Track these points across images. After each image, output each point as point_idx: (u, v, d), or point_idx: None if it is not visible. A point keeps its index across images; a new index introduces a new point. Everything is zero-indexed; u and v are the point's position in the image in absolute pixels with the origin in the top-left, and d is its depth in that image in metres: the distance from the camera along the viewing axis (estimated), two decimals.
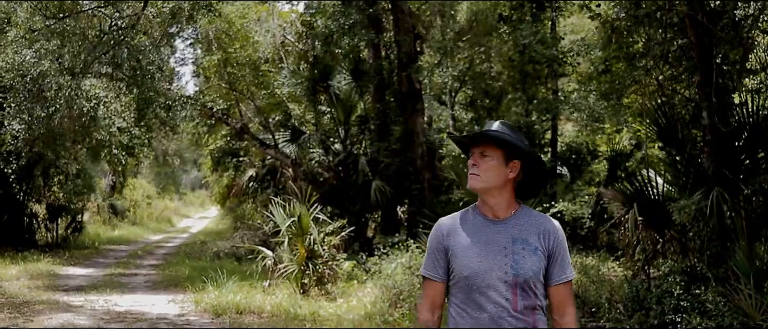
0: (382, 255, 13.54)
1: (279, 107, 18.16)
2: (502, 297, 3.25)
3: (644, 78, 10.44)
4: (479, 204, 3.44)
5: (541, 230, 3.35)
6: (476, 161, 3.34)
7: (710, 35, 9.91)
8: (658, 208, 9.24)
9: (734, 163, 9.18)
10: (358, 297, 12.04)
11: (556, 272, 3.35)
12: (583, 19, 22.96)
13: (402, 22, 16.53)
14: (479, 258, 3.29)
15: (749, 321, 7.39)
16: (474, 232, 3.36)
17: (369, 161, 16.55)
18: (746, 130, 9.48)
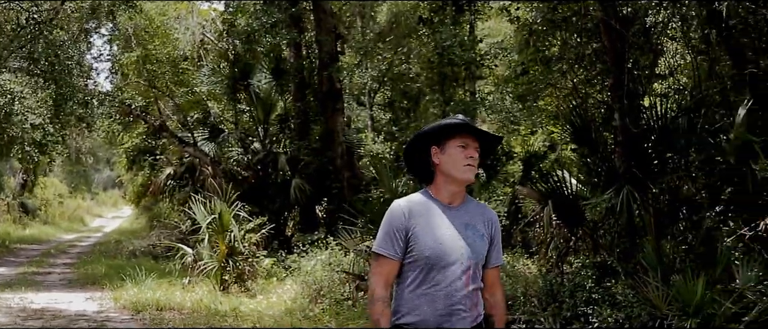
0: (301, 253, 13.65)
1: (198, 105, 18.05)
2: (457, 278, 3.51)
3: (560, 81, 10.79)
4: (436, 190, 3.64)
5: (485, 218, 3.68)
6: (475, 154, 3.58)
7: (623, 40, 10.32)
8: (572, 206, 9.56)
9: (644, 163, 9.56)
10: (278, 294, 12.12)
11: (493, 256, 3.69)
12: (500, 23, 23.49)
13: (323, 22, 16.65)
14: (440, 240, 3.51)
15: (656, 311, 7.74)
16: (435, 215, 3.57)
17: (289, 159, 16.61)
18: (655, 132, 9.89)
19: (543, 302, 9.30)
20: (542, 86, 12.25)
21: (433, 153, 3.62)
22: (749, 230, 8.55)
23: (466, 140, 3.57)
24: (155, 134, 19.93)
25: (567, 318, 8.75)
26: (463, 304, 3.52)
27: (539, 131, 22.53)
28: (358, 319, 9.87)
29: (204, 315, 10.44)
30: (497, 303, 3.72)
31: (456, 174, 3.57)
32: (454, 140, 3.57)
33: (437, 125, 3.70)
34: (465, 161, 3.54)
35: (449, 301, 3.50)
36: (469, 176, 3.57)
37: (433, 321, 3.50)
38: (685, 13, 11.09)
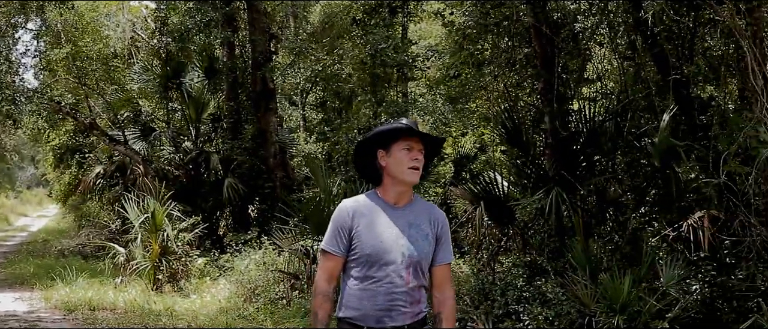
0: (234, 252, 13.66)
1: (129, 103, 17.85)
2: (397, 275, 3.71)
3: (491, 84, 11.03)
4: (384, 191, 3.86)
5: (431, 217, 3.86)
6: (419, 156, 3.76)
7: (552, 45, 10.62)
8: (503, 206, 9.80)
9: (572, 165, 9.87)
10: (212, 294, 12.12)
11: (441, 254, 3.86)
12: (431, 25, 23.75)
13: (257, 21, 16.65)
14: (381, 239, 3.72)
15: (585, 309, 8.01)
16: (378, 215, 3.78)
17: (222, 159, 16.56)
18: (583, 135, 10.21)
19: (475, 300, 9.52)
20: (473, 89, 12.43)
21: (379, 156, 3.81)
22: (672, 230, 8.88)
23: (410, 142, 3.74)
24: (84, 131, 19.63)
25: (499, 316, 8.98)
26: (403, 300, 3.71)
27: (469, 132, 22.83)
28: (292, 318, 9.95)
29: (138, 315, 10.40)
30: (445, 300, 3.84)
31: (401, 176, 3.75)
32: (399, 143, 3.75)
33: (383, 129, 3.87)
34: (410, 163, 3.72)
35: (389, 297, 3.70)
36: (414, 177, 3.76)
37: (372, 316, 3.70)
38: (612, 19, 11.42)
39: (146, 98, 18.76)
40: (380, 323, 3.70)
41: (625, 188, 10.13)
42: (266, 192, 16.22)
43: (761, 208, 7.95)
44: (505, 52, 10.48)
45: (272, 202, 16.17)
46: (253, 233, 14.57)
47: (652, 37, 10.29)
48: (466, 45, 10.79)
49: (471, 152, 22.19)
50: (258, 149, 16.60)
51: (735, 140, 7.52)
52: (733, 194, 7.90)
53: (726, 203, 8.28)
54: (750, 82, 7.48)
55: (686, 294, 8.10)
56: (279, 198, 16.05)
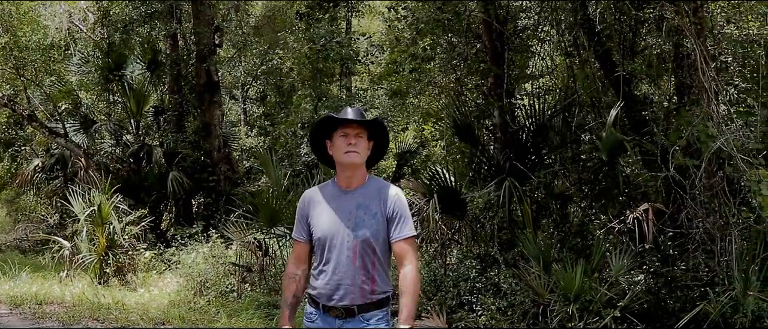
0: (180, 246, 13.57)
1: (69, 94, 17.51)
2: (344, 255, 4.03)
3: (440, 78, 11.17)
4: (337, 177, 4.20)
5: (381, 197, 4.09)
6: (355, 140, 4.03)
7: (502, 41, 10.81)
8: (456, 199, 9.95)
9: (521, 159, 10.07)
10: (160, 287, 12.05)
11: (396, 230, 4.05)
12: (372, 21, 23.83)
13: (202, 13, 16.52)
14: (329, 222, 4.08)
15: (539, 298, 8.21)
16: (329, 201, 4.14)
17: (165, 152, 16.40)
18: (531, 129, 10.43)
19: (428, 292, 9.66)
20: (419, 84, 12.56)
21: (328, 147, 4.20)
22: (619, 223, 9.13)
23: (345, 129, 4.08)
24: (20, 123, 19.22)
25: (452, 307, 9.14)
26: (351, 280, 4.01)
27: (410, 127, 22.99)
28: (245, 311, 9.95)
29: (87, 309, 10.28)
30: (405, 275, 4.01)
31: (342, 160, 4.09)
32: (337, 131, 4.10)
33: (319, 121, 4.27)
34: (346, 148, 4.05)
35: (336, 277, 4.02)
36: (351, 159, 4.05)
37: (324, 294, 4.06)
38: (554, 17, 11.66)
39: (86, 90, 18.43)
40: (330, 301, 4.04)
41: (572, 182, 10.36)
42: (211, 186, 16.13)
43: (706, 201, 8.24)
44: (454, 47, 10.61)
45: (217, 195, 16.11)
46: (198, 226, 14.49)
47: (595, 35, 10.52)
48: (413, 39, 10.88)
49: (412, 147, 22.31)
50: (202, 142, 16.49)
51: (684, 134, 7.77)
52: (680, 187, 8.17)
53: (673, 196, 8.56)
54: (698, 78, 7.75)
55: (635, 284, 8.38)
56: (223, 192, 16.00)
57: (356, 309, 4.02)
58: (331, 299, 4.04)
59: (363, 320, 4.03)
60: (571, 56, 11.67)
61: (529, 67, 12.73)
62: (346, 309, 4.02)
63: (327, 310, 4.07)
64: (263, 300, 10.24)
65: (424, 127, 21.43)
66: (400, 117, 20.71)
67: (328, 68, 19.30)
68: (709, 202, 8.25)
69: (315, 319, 4.13)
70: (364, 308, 4.02)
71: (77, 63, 17.86)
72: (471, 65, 10.66)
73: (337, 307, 4.03)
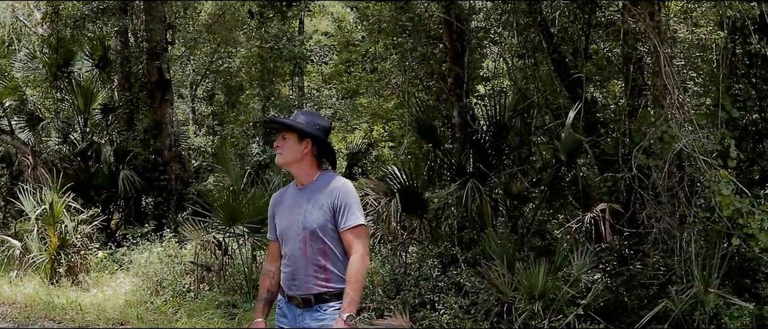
0: (131, 246, 13.39)
1: (14, 91, 17.11)
2: (296, 246, 4.25)
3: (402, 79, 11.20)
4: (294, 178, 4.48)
5: (327, 190, 4.26)
6: (279, 142, 4.32)
7: (462, 41, 10.91)
8: (417, 198, 9.99)
9: (482, 159, 10.18)
10: (113, 287, 11.86)
11: (342, 221, 4.20)
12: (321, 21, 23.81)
13: (154, 10, 16.30)
14: (285, 218, 4.36)
15: (503, 297, 8.29)
16: (288, 199, 4.43)
17: (116, 150, 16.14)
18: (491, 130, 10.54)
19: (389, 291, 9.69)
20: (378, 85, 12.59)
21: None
22: (576, 222, 9.28)
23: (278, 134, 4.36)
24: None
25: (415, 306, 9.17)
26: (304, 270, 4.22)
27: (360, 128, 23.06)
28: (204, 311, 9.86)
29: (42, 309, 10.07)
30: (350, 264, 4.17)
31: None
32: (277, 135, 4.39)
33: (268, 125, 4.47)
34: (276, 150, 4.34)
35: (292, 268, 4.27)
36: (277, 160, 4.37)
37: (285, 283, 4.34)
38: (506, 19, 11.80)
39: (33, 87, 18.05)
40: (290, 291, 4.30)
41: (530, 182, 10.49)
42: (162, 185, 15.93)
43: (665, 201, 8.41)
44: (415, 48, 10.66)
45: (168, 195, 15.92)
46: (150, 226, 14.32)
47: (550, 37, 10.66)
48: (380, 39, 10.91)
49: (362, 148, 22.37)
50: (153, 140, 16.26)
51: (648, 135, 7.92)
52: (641, 187, 8.33)
53: (633, 195, 8.72)
54: (660, 80, 7.91)
55: (595, 282, 8.51)
56: (175, 191, 15.82)
57: (313, 298, 4.20)
58: (290, 288, 4.29)
59: (319, 309, 4.19)
60: (524, 58, 11.84)
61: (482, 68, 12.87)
62: (303, 298, 4.22)
63: (289, 299, 4.32)
64: (223, 300, 10.16)
65: (374, 128, 21.52)
66: (351, 118, 20.76)
67: (278, 68, 19.24)
68: (668, 202, 8.42)
69: (282, 305, 4.39)
70: (321, 298, 4.20)
71: (23, 59, 17.47)
72: (433, 65, 10.72)
73: (295, 296, 4.25)
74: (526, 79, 11.58)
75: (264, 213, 10.41)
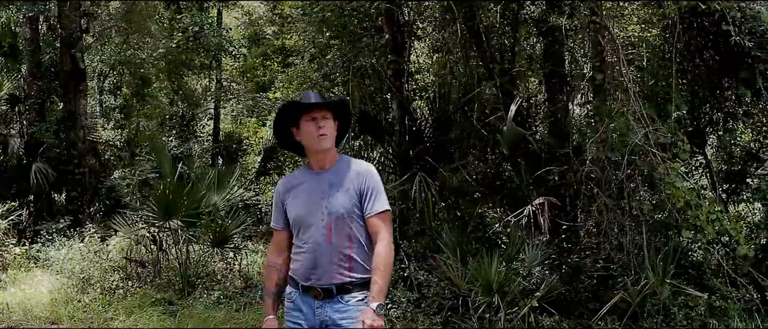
0: (46, 242, 12.82)
1: None
2: (319, 233, 3.99)
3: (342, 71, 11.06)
4: (309, 161, 4.21)
5: (352, 172, 4.09)
6: (324, 124, 4.05)
7: (402, 33, 10.83)
8: None
9: (425, 152, 10.12)
10: (32, 285, 11.28)
11: (369, 206, 4.04)
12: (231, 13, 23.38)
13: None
14: (303, 203, 4.08)
15: (456, 289, 8.24)
16: (304, 183, 4.15)
17: (27, 142, 15.42)
18: (432, 123, 10.50)
19: None
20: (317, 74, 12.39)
21: (294, 134, 4.18)
22: (514, 216, 9.34)
23: (312, 114, 4.05)
24: None
25: None
26: (328, 259, 3.97)
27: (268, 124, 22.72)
28: (138, 309, 9.46)
29: None
30: (377, 252, 3.99)
31: (313, 146, 4.10)
32: (305, 116, 4.07)
33: (283, 109, 4.25)
34: (317, 132, 4.04)
35: (313, 256, 3.99)
36: (324, 144, 4.07)
37: (302, 274, 4.05)
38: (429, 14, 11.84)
39: None
40: (308, 281, 4.03)
41: (472, 175, 10.49)
42: (77, 178, 15.28)
43: (618, 194, 8.52)
44: (358, 39, 10.52)
45: (83, 188, 15.30)
46: (65, 221, 13.72)
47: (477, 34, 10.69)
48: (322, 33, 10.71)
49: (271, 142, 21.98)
50: (67, 132, 15.58)
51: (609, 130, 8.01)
52: (594, 182, 8.42)
53: (583, 188, 8.81)
54: (615, 76, 8.02)
55: (547, 275, 8.57)
56: (90, 185, 15.24)
57: (335, 289, 3.98)
58: (308, 279, 4.03)
59: (341, 301, 3.98)
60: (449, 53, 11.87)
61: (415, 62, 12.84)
62: (323, 289, 3.99)
63: (305, 290, 4.05)
64: (158, 297, 9.80)
65: None
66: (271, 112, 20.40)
67: (190, 59, 18.84)
68: (619, 195, 8.54)
69: (294, 297, 4.13)
70: (343, 288, 3.98)
71: None
72: (379, 57, 10.60)
73: (315, 287, 4.01)
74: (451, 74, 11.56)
75: (201, 207, 10.17)
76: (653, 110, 8.31)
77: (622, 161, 7.74)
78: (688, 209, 7.79)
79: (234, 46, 18.18)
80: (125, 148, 19.58)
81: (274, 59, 19.79)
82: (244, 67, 20.33)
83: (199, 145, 19.55)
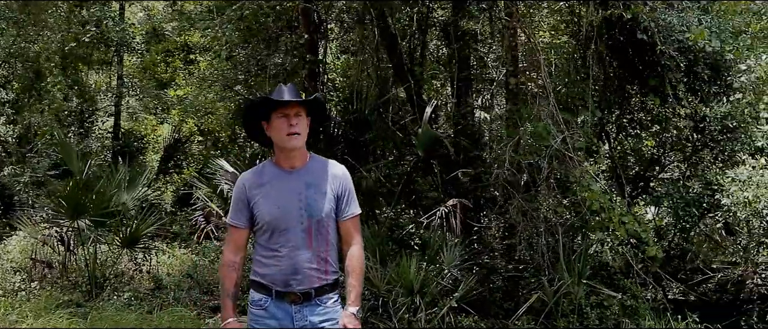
0: None
1: None
2: (298, 237, 3.84)
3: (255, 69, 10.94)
4: (277, 159, 4.00)
5: (329, 175, 3.99)
6: (296, 121, 3.88)
7: (318, 32, 10.81)
8: None
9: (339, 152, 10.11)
10: None
11: (344, 209, 3.98)
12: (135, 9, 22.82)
13: None
14: (276, 204, 3.87)
15: (376, 290, 8.26)
16: (274, 182, 3.92)
17: None
18: (347, 124, 10.51)
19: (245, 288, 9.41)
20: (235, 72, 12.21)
21: (265, 128, 3.99)
22: (427, 217, 9.43)
23: (284, 110, 3.87)
24: None
25: None
26: (308, 263, 3.84)
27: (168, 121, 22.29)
28: (40, 311, 9.12)
29: None
30: (352, 254, 3.97)
31: (282, 144, 3.90)
32: (276, 112, 3.88)
33: (253, 103, 4.21)
34: (287, 129, 3.86)
35: (293, 261, 3.82)
36: (294, 142, 3.88)
37: (280, 280, 3.85)
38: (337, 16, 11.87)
39: None
40: (288, 287, 3.85)
41: (385, 175, 10.54)
42: None
43: (531, 197, 8.71)
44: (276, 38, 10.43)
45: None
46: None
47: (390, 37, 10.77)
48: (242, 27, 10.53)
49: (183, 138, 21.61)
50: None
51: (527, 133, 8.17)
52: (511, 185, 8.58)
53: (499, 191, 8.97)
54: (532, 80, 8.20)
55: (465, 276, 8.68)
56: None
57: (313, 292, 3.87)
58: (287, 284, 3.85)
59: (319, 303, 3.90)
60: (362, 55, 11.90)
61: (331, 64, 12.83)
62: (303, 293, 3.86)
63: (281, 296, 3.87)
64: (65, 299, 9.46)
65: (188, 121, 20.88)
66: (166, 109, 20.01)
67: (89, 54, 18.31)
68: (534, 197, 8.73)
69: (266, 304, 3.91)
70: (321, 291, 3.90)
71: None
72: (293, 57, 10.52)
73: (295, 292, 3.85)
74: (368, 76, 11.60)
75: (110, 206, 9.87)
76: (569, 114, 8.52)
77: (543, 163, 7.89)
78: (602, 211, 8.01)
79: (137, 41, 17.71)
80: (16, 144, 18.91)
81: (176, 56, 19.40)
82: (145, 64, 19.83)
83: (99, 142, 18.98)
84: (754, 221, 7.39)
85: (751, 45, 8.89)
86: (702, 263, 9.80)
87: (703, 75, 8.63)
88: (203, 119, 19.87)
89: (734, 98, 8.63)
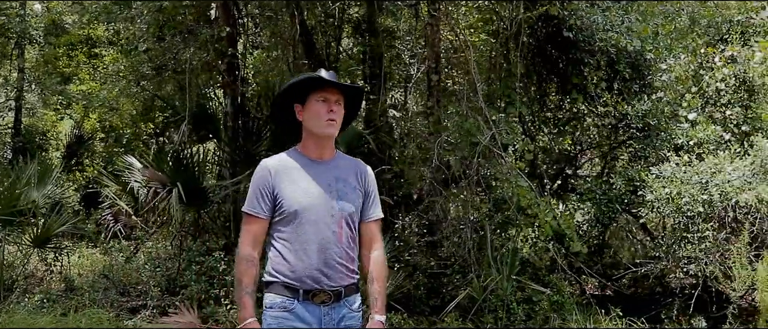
0: None
1: None
2: (329, 230, 3.49)
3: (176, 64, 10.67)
4: (304, 147, 3.66)
5: (357, 171, 3.70)
6: (336, 107, 3.57)
7: (237, 27, 10.60)
8: (199, 189, 9.52)
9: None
10: None
11: (370, 210, 3.71)
12: None
13: None
14: (307, 194, 3.51)
15: None
16: (302, 171, 3.57)
17: None
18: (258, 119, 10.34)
19: (170, 287, 9.19)
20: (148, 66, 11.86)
21: (297, 111, 3.65)
22: None
23: (325, 94, 3.57)
24: None
25: (201, 302, 8.70)
26: (339, 258, 3.52)
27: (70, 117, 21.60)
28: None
29: None
30: (377, 259, 3.71)
31: (317, 130, 3.58)
32: (315, 94, 3.57)
33: (296, 81, 3.67)
34: (326, 115, 3.55)
35: (324, 255, 3.48)
36: (330, 131, 3.58)
37: (308, 276, 3.48)
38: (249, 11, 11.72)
39: None
40: (318, 284, 3.48)
41: None
42: None
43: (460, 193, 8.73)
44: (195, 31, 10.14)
45: None
46: None
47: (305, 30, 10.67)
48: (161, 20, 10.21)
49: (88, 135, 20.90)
50: None
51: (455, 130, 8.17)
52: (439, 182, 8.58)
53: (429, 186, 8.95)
54: (467, 75, 8.20)
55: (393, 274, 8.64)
56: None
57: (343, 290, 3.53)
58: (317, 281, 3.48)
59: (346, 304, 3.56)
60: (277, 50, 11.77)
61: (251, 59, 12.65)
62: (334, 291, 3.51)
63: (310, 296, 3.49)
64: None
65: (92, 117, 20.28)
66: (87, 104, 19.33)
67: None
68: (457, 195, 8.75)
69: (292, 306, 3.49)
70: (349, 290, 3.57)
71: None
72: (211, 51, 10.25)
73: (325, 291, 3.49)
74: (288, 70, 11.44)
75: (19, 204, 9.43)
76: (494, 111, 8.56)
77: (470, 160, 7.89)
78: (529, 208, 8.07)
79: (39, 33, 17.07)
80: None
81: (79, 50, 18.78)
82: (46, 57, 19.12)
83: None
84: (676, 217, 7.51)
85: (670, 45, 9.10)
86: (624, 258, 9.99)
87: (625, 73, 8.79)
88: (107, 115, 19.34)
89: (655, 97, 8.80)
